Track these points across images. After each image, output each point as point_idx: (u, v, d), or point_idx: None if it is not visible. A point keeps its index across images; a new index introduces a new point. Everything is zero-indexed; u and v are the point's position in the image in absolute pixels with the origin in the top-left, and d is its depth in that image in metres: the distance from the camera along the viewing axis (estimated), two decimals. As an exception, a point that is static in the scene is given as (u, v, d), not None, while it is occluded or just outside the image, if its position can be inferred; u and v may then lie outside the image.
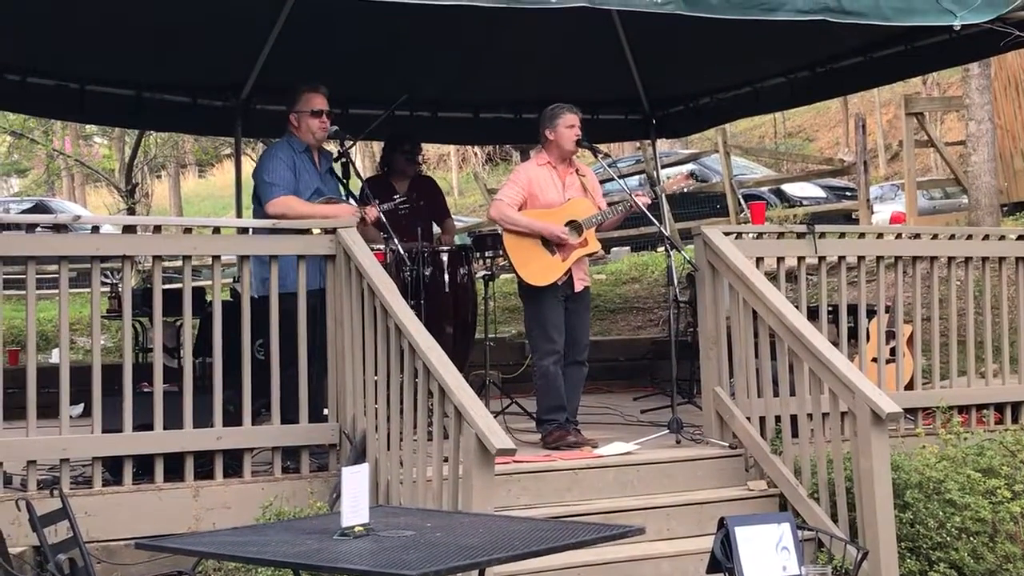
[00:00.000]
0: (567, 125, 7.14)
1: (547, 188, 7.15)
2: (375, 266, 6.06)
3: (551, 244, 7.05)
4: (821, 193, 19.53)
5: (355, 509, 3.89)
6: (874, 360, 7.54)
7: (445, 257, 7.90)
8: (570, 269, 7.07)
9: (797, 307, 6.62)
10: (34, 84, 8.96)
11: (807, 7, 6.70)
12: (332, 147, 7.39)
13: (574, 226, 7.09)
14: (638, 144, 20.32)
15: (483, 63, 9.82)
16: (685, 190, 8.10)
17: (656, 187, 7.65)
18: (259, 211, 6.87)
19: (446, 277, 7.85)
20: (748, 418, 6.70)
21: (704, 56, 9.46)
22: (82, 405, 6.56)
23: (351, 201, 7.23)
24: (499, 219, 7.12)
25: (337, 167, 7.28)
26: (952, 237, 7.84)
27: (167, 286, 6.39)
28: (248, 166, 10.84)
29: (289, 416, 6.25)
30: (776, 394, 6.56)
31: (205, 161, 39.52)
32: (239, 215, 10.67)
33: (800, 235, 7.24)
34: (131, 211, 18.86)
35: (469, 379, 5.66)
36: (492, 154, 33.86)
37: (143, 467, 6.00)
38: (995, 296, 7.90)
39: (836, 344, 6.75)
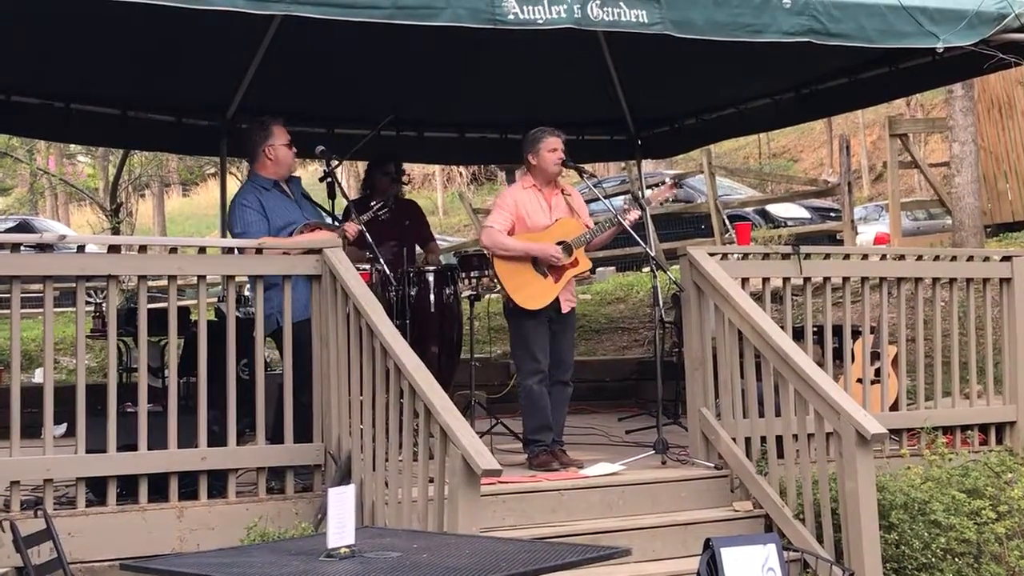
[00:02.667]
0: (549, 149, 7.16)
1: (534, 211, 7.16)
2: (361, 286, 6.05)
3: (543, 267, 7.05)
4: (805, 214, 19.60)
5: (341, 530, 3.88)
6: (859, 381, 7.56)
7: (431, 277, 7.89)
8: (558, 290, 7.09)
9: (782, 328, 6.63)
10: (19, 103, 8.94)
11: (792, 29, 6.74)
12: (318, 167, 7.39)
13: (564, 247, 7.09)
14: (623, 164, 20.39)
15: (469, 83, 9.84)
16: (671, 200, 8.11)
17: (641, 201, 7.66)
18: None
19: (431, 297, 7.85)
20: (734, 439, 6.70)
21: (689, 77, 9.50)
22: (65, 425, 6.53)
23: (332, 221, 7.21)
24: (491, 246, 7.11)
25: (323, 187, 7.27)
26: (937, 258, 7.87)
27: (152, 305, 6.36)
28: (233, 185, 10.83)
29: (274, 436, 6.23)
30: (761, 415, 6.56)
31: (189, 180, 39.51)
32: (223, 234, 10.65)
33: (785, 256, 7.26)
34: (115, 230, 18.81)
35: (454, 399, 5.65)
36: (477, 174, 33.94)
37: (127, 487, 5.97)
38: (979, 317, 7.93)
39: (821, 365, 6.76)
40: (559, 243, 7.09)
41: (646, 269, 15.37)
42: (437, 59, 9.25)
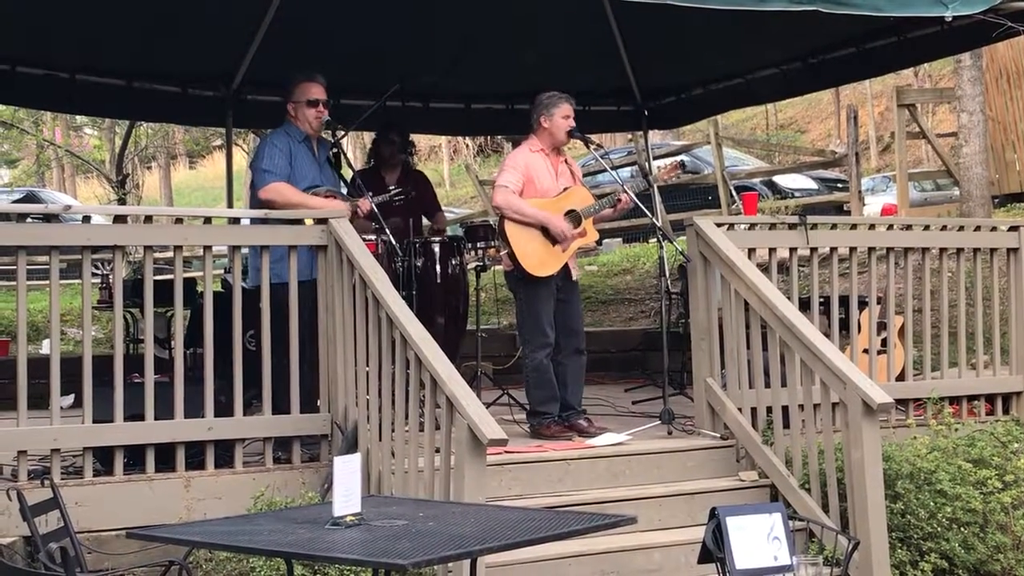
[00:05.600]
0: (563, 115, 7.13)
1: (542, 175, 7.14)
2: (367, 256, 6.05)
3: (551, 234, 7.03)
4: (813, 185, 19.55)
5: (347, 499, 3.89)
6: (865, 351, 7.55)
7: (437, 248, 7.88)
8: (565, 258, 7.08)
9: (789, 298, 6.62)
10: (23, 74, 8.93)
11: (799, -3, 6.69)
12: (325, 137, 7.38)
13: (572, 216, 7.08)
14: (630, 135, 20.35)
15: (475, 54, 9.80)
16: (675, 179, 8.10)
17: (649, 177, 7.65)
18: (254, 200, 6.87)
19: (438, 268, 7.84)
20: (739, 409, 6.70)
21: (696, 47, 9.47)
22: (72, 396, 6.55)
23: (344, 192, 7.22)
24: (506, 207, 7.01)
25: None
26: (944, 228, 7.85)
27: (158, 277, 6.37)
28: (239, 157, 10.84)
29: (280, 407, 6.25)
30: (767, 385, 6.56)
31: (195, 152, 39.48)
32: (230, 206, 10.66)
33: (792, 226, 7.25)
34: (121, 202, 18.83)
35: (461, 370, 5.65)
36: (484, 145, 33.85)
37: (134, 457, 5.99)
38: (986, 287, 7.90)
39: (827, 335, 6.76)
40: (568, 211, 7.08)
41: (652, 240, 15.38)
42: (443, 29, 9.22)
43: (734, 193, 16.80)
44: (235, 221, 6.61)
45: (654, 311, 12.80)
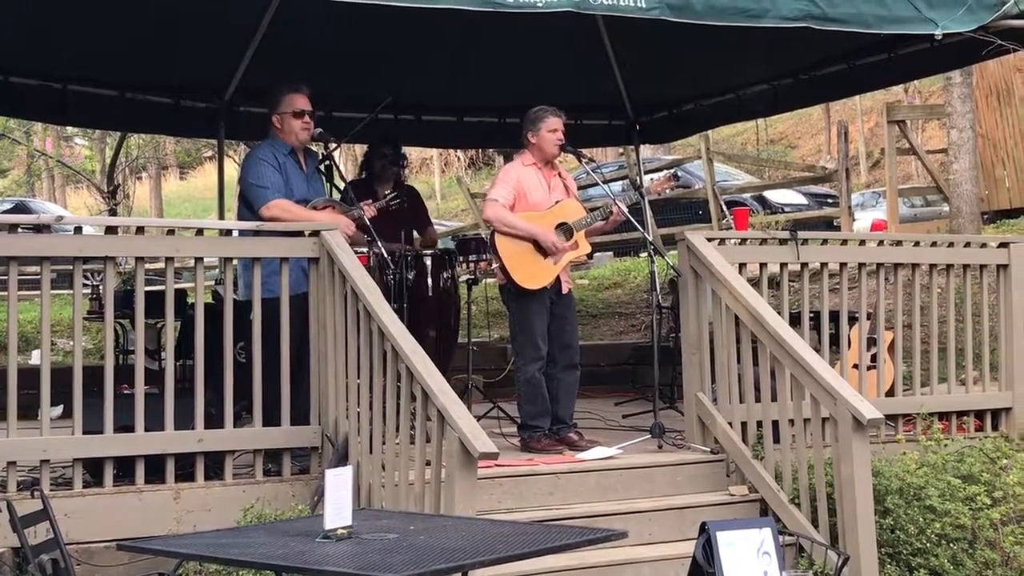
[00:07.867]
0: (549, 129, 7.15)
1: (534, 188, 7.15)
2: (358, 269, 6.05)
3: (543, 247, 7.04)
4: (803, 200, 19.59)
5: (338, 511, 3.88)
6: (855, 367, 7.57)
7: (428, 261, 7.89)
8: (557, 271, 7.09)
9: (779, 313, 6.64)
10: (16, 84, 8.92)
11: (791, 14, 6.73)
12: (316, 149, 7.39)
13: (564, 228, 7.10)
14: (621, 150, 20.37)
15: (467, 67, 9.83)
16: (668, 191, 8.11)
17: (641, 189, 7.66)
18: (249, 216, 6.83)
19: (429, 281, 7.85)
20: (730, 423, 6.71)
21: (688, 62, 9.49)
22: (61, 407, 6.53)
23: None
24: (495, 220, 7.04)
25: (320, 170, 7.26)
26: (934, 244, 7.87)
27: (149, 288, 6.36)
28: (230, 168, 10.83)
29: (271, 419, 6.24)
30: (758, 400, 6.57)
31: (186, 163, 39.43)
32: (221, 217, 10.65)
33: (783, 241, 7.27)
34: (112, 212, 18.79)
35: (451, 383, 5.66)
36: (475, 158, 33.89)
37: (124, 469, 5.98)
38: (976, 303, 7.93)
39: (818, 350, 6.77)
40: (560, 224, 7.09)
41: (643, 254, 15.38)
42: (436, 42, 9.24)
43: (724, 208, 16.83)
44: (227, 233, 6.60)
45: (644, 325, 12.81)
